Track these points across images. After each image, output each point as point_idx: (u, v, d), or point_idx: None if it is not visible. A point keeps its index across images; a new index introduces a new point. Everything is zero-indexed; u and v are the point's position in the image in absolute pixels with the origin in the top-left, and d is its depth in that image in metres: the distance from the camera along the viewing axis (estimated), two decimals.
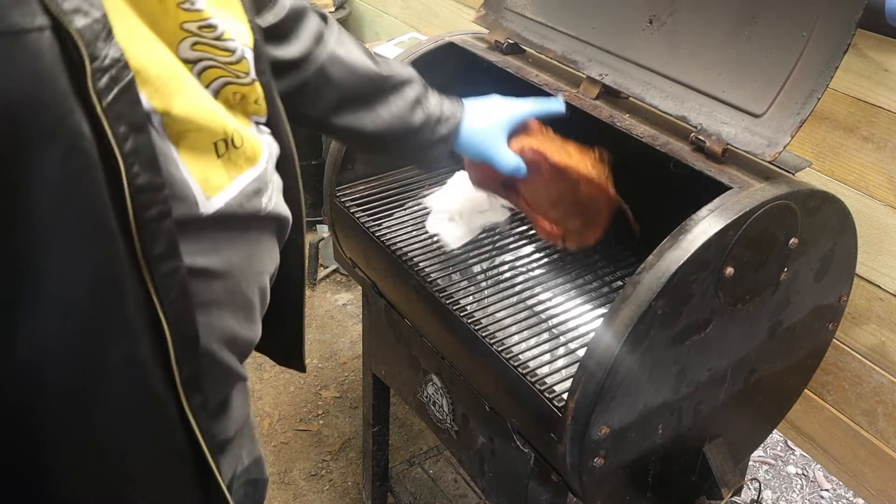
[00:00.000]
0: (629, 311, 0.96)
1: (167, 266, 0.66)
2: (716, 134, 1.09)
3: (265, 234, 0.83)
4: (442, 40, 1.49)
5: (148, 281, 0.65)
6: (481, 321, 1.20)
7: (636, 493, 1.16)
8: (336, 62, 1.09)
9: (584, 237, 1.29)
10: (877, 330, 1.41)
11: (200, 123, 0.69)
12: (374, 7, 2.94)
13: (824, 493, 2.26)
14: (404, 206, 1.49)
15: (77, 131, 0.57)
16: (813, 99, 1.01)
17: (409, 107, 1.14)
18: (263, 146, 0.80)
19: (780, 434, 2.20)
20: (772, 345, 1.15)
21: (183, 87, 0.68)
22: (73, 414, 0.67)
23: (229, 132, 0.73)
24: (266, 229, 0.82)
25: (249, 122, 0.81)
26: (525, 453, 1.20)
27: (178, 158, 0.68)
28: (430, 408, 1.44)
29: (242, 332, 0.82)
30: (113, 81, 0.59)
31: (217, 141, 0.72)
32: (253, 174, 0.77)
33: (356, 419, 2.38)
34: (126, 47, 0.60)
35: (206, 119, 0.70)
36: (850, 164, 1.36)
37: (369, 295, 1.55)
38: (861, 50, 1.29)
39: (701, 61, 1.14)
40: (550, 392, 1.07)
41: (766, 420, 1.31)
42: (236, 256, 0.77)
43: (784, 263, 1.06)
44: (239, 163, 0.75)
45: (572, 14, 1.34)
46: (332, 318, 2.79)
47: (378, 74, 1.12)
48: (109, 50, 0.59)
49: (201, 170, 0.70)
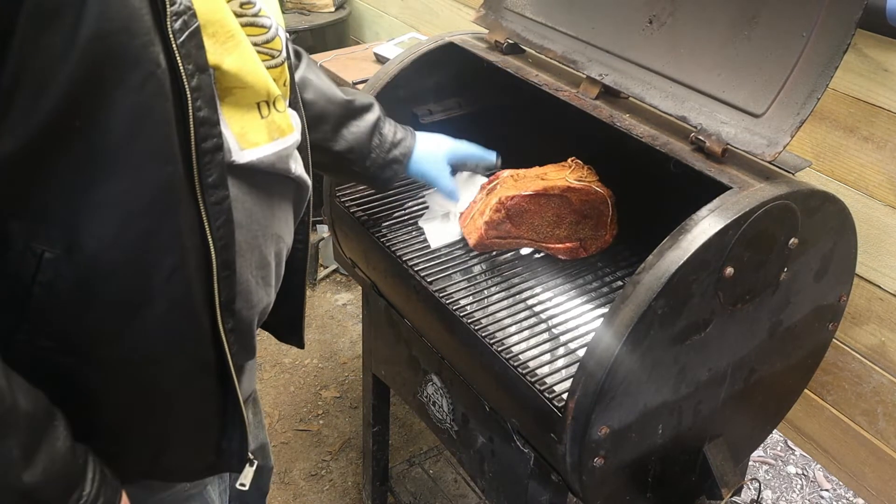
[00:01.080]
0: (629, 311, 0.95)
1: (218, 194, 0.76)
2: (716, 134, 1.09)
3: (286, 198, 0.92)
4: (442, 40, 1.49)
5: (201, 205, 0.75)
6: (481, 321, 1.20)
7: (636, 493, 1.16)
8: (308, 85, 1.20)
9: (600, 240, 1.35)
10: (877, 330, 1.41)
11: (247, 81, 0.78)
12: (374, 7, 2.94)
13: (824, 493, 2.26)
14: (404, 206, 1.49)
15: (156, 61, 0.68)
16: (813, 99, 1.01)
17: (368, 130, 1.27)
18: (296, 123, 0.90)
19: (780, 434, 2.21)
20: (772, 345, 1.15)
21: (237, 47, 0.77)
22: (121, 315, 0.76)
23: (273, 95, 0.82)
24: (288, 192, 0.92)
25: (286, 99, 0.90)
26: (525, 453, 1.20)
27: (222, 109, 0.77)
28: (430, 408, 1.44)
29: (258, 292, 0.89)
30: (185, 25, 0.70)
31: (260, 102, 0.81)
32: (290, 140, 0.87)
33: (356, 419, 2.38)
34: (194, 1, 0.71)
35: (253, 79, 0.78)
36: (850, 164, 1.36)
37: (369, 295, 1.55)
38: (861, 50, 1.29)
39: (701, 61, 1.14)
40: (550, 392, 1.07)
41: (766, 420, 1.31)
42: (258, 211, 0.85)
43: (784, 263, 1.06)
44: (282, 127, 0.85)
45: (572, 14, 1.34)
46: (332, 318, 2.79)
47: (344, 100, 1.25)
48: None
49: (240, 124, 0.79)
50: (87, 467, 0.79)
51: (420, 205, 1.49)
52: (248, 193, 0.83)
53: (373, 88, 1.46)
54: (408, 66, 1.47)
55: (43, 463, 0.72)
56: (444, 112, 1.56)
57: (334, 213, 1.50)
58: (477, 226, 1.32)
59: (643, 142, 1.16)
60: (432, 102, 1.55)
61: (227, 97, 0.77)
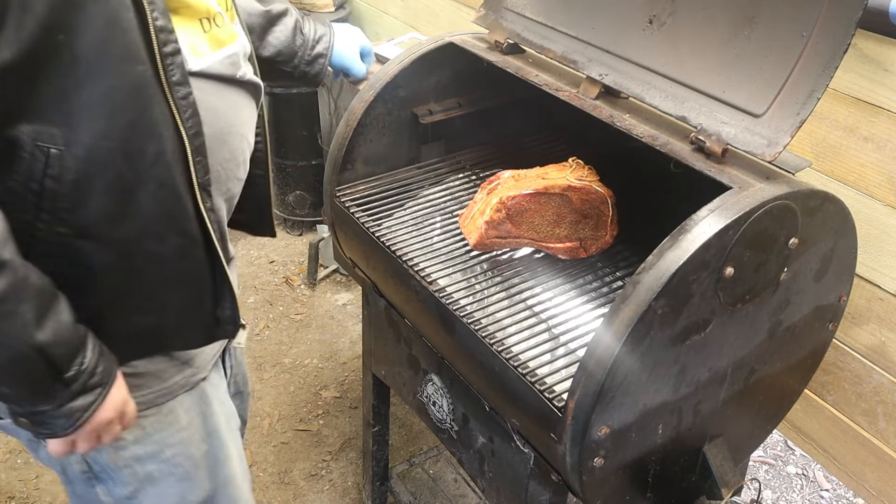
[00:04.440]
0: (629, 311, 0.96)
1: (183, 90, 0.92)
2: (716, 134, 1.09)
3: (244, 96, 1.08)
4: (442, 40, 1.49)
5: (170, 99, 0.90)
6: (481, 321, 1.20)
7: (636, 493, 1.16)
8: None
9: (600, 240, 1.35)
10: (877, 330, 1.40)
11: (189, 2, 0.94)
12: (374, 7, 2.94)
13: (824, 493, 2.26)
14: (404, 206, 1.49)
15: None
16: (813, 99, 1.01)
17: (290, 33, 1.43)
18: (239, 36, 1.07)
19: (780, 434, 2.21)
20: (772, 345, 1.15)
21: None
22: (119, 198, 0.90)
23: (212, 12, 0.99)
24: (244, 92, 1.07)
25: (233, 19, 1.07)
26: (525, 453, 1.20)
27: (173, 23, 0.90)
28: (430, 408, 1.44)
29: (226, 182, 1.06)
30: None
31: (202, 18, 0.97)
32: (230, 50, 1.02)
33: (356, 419, 2.38)
34: None
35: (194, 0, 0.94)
36: (850, 164, 1.36)
37: (369, 295, 1.55)
38: (861, 50, 1.29)
39: (701, 61, 1.14)
40: (550, 392, 1.07)
41: (766, 420, 1.31)
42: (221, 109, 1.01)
43: (784, 263, 1.06)
44: (220, 38, 1.00)
45: (572, 14, 1.34)
46: (332, 318, 2.79)
47: (262, 10, 1.39)
48: None
49: (190, 37, 0.95)
50: (88, 340, 0.92)
51: (420, 205, 1.49)
52: (210, 94, 0.98)
53: (373, 88, 1.46)
54: (408, 66, 1.47)
55: (52, 327, 0.87)
56: (444, 112, 1.56)
57: (334, 213, 1.50)
58: (477, 225, 1.33)
59: (643, 142, 1.16)
60: (432, 102, 1.55)
61: (174, 15, 0.91)
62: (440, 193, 1.53)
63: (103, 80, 0.84)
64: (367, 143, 1.50)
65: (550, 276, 1.33)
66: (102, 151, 0.87)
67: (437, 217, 1.46)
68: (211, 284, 1.05)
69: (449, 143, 1.63)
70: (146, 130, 0.89)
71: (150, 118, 0.89)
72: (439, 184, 1.56)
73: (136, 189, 0.91)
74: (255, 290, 2.92)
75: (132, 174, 0.90)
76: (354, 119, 1.46)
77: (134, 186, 0.90)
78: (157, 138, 0.90)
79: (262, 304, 2.85)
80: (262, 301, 2.87)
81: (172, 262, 0.99)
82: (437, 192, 1.53)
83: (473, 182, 1.56)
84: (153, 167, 0.91)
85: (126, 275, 0.96)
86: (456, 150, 1.63)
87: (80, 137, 0.85)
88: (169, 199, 0.94)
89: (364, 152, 1.51)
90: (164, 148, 0.91)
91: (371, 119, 1.48)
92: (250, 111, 1.10)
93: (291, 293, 2.92)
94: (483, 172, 1.57)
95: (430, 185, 1.55)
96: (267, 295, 2.91)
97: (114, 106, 0.86)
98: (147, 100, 0.88)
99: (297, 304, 2.86)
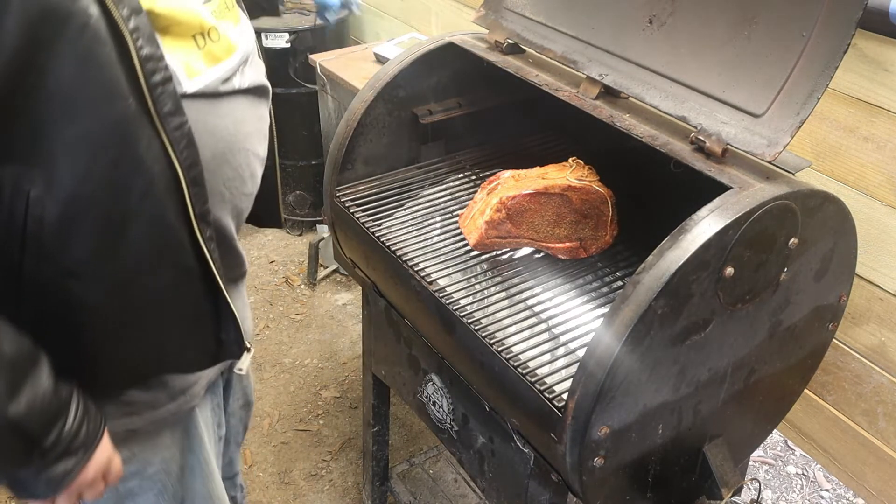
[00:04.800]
0: (629, 311, 0.95)
1: (176, 120, 0.85)
2: (716, 134, 1.09)
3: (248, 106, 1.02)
4: (442, 40, 1.49)
5: (162, 133, 0.84)
6: (481, 321, 1.20)
7: (636, 493, 1.16)
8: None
9: (600, 240, 1.35)
10: (877, 330, 1.40)
11: (180, 19, 0.87)
12: (374, 7, 2.94)
13: (824, 493, 2.25)
14: (404, 206, 1.49)
15: (86, 12, 0.75)
16: (813, 99, 1.01)
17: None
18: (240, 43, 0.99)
19: (780, 434, 2.21)
20: (772, 345, 1.15)
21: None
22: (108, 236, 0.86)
23: (206, 27, 0.91)
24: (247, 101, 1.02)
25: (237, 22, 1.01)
26: (525, 453, 1.20)
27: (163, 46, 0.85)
28: (430, 408, 1.44)
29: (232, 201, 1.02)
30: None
31: (196, 34, 0.90)
32: (230, 63, 0.96)
33: (356, 419, 2.38)
34: None
35: (185, 16, 0.88)
36: (850, 164, 1.36)
37: (369, 295, 1.55)
38: (861, 50, 1.29)
39: (701, 61, 1.14)
40: (550, 392, 1.07)
41: (766, 420, 1.31)
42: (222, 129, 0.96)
43: (784, 263, 1.06)
44: (217, 54, 0.94)
45: (572, 14, 1.34)
46: (332, 318, 2.79)
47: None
48: None
49: (184, 56, 0.89)
50: (71, 402, 0.88)
51: (420, 205, 1.49)
52: (209, 115, 0.93)
53: (373, 88, 1.46)
54: (408, 66, 1.47)
55: (27, 398, 0.82)
56: (444, 112, 1.56)
57: (334, 213, 1.49)
58: (477, 225, 1.33)
59: (643, 142, 1.16)
60: (432, 102, 1.55)
61: (165, 35, 0.86)
62: (440, 193, 1.53)
63: (81, 120, 0.79)
64: (367, 143, 1.50)
65: (550, 276, 1.33)
66: (85, 192, 0.82)
67: (437, 217, 1.46)
68: (212, 310, 1.01)
69: (449, 143, 1.63)
70: (133, 168, 0.84)
71: (136, 155, 0.83)
72: (439, 184, 1.56)
73: (126, 227, 0.87)
74: (256, 290, 2.92)
75: (119, 213, 0.86)
76: (354, 119, 1.46)
77: (123, 225, 0.86)
78: (145, 175, 0.85)
79: (262, 304, 2.85)
80: (262, 301, 2.87)
81: (168, 293, 0.95)
82: (437, 192, 1.53)
83: (473, 182, 1.56)
84: (142, 204, 0.86)
85: (120, 310, 0.92)
86: (456, 150, 1.63)
87: (61, 179, 0.81)
88: (162, 235, 0.90)
89: (364, 152, 1.51)
90: (154, 184, 0.86)
91: (371, 119, 1.48)
92: (256, 120, 1.05)
93: (291, 293, 2.92)
94: (483, 172, 1.57)
95: (430, 185, 1.55)
96: (267, 295, 2.91)
97: (94, 146, 0.81)
98: (132, 136, 0.83)
99: (297, 304, 2.87)
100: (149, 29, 0.81)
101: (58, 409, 0.86)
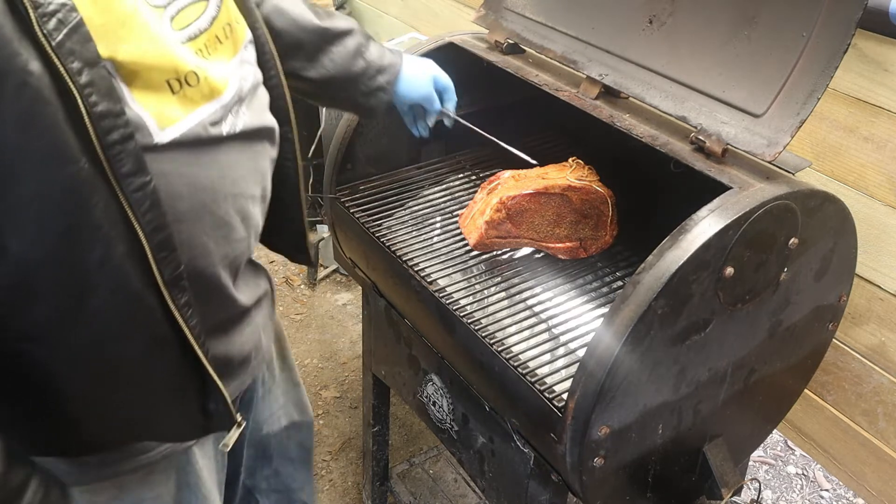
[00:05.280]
0: (629, 311, 0.95)
1: (137, 181, 0.76)
2: (716, 134, 1.09)
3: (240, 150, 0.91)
4: (442, 40, 1.49)
5: (120, 195, 0.76)
6: (481, 321, 1.20)
7: (636, 493, 1.16)
8: (280, 13, 1.19)
9: (600, 240, 1.35)
10: (877, 330, 1.40)
11: (150, 64, 0.78)
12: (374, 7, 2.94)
13: (824, 493, 2.25)
14: (404, 206, 1.49)
15: (24, 69, 0.68)
16: (813, 99, 1.01)
17: (350, 56, 1.25)
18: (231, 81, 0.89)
19: (780, 434, 2.20)
20: (772, 345, 1.15)
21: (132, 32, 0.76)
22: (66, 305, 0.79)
23: (182, 71, 0.81)
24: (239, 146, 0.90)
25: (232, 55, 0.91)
26: (525, 453, 1.20)
27: (130, 96, 0.77)
28: (430, 408, 1.44)
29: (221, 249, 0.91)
30: (61, 23, 0.69)
31: (170, 79, 0.80)
32: (211, 108, 0.85)
33: (356, 419, 2.38)
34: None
35: (154, 60, 0.78)
36: (850, 164, 1.36)
37: (369, 295, 1.55)
38: (861, 50, 1.29)
39: (701, 61, 1.14)
40: (550, 392, 1.07)
41: (766, 420, 1.31)
42: (203, 178, 0.85)
43: (784, 263, 1.06)
44: (195, 98, 0.83)
45: (572, 14, 1.34)
46: (332, 318, 2.79)
47: (319, 26, 1.22)
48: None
49: (155, 105, 0.79)
50: (26, 488, 0.82)
51: (420, 205, 1.49)
52: (188, 164, 0.83)
53: None
54: None
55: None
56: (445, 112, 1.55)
57: (334, 213, 1.50)
58: (477, 225, 1.33)
59: (643, 142, 1.16)
60: None
61: (134, 81, 0.77)
62: (440, 193, 1.53)
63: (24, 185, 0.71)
64: (367, 143, 1.50)
65: (550, 276, 1.33)
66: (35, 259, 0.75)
67: (437, 217, 1.47)
68: (195, 380, 0.92)
69: (449, 143, 1.63)
70: (86, 235, 0.76)
71: (91, 221, 0.75)
72: (439, 184, 1.56)
73: (84, 296, 0.79)
74: None
75: (74, 282, 0.78)
76: (354, 119, 1.46)
77: (80, 293, 0.79)
78: (101, 241, 0.77)
79: None
80: None
81: (141, 362, 0.87)
82: (437, 192, 1.53)
83: (473, 182, 1.56)
84: (100, 273, 0.78)
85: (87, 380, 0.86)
86: (456, 150, 1.63)
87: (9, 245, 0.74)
88: (126, 303, 0.82)
89: (364, 152, 1.51)
90: (111, 252, 0.78)
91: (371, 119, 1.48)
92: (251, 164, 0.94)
93: (291, 293, 2.92)
94: (483, 172, 1.57)
95: (430, 185, 1.55)
96: None
97: (41, 212, 0.73)
98: (85, 201, 0.74)
99: (297, 304, 2.86)
100: (106, 82, 0.73)
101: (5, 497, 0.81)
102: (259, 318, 1.07)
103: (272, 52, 1.01)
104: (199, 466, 1.08)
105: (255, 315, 1.05)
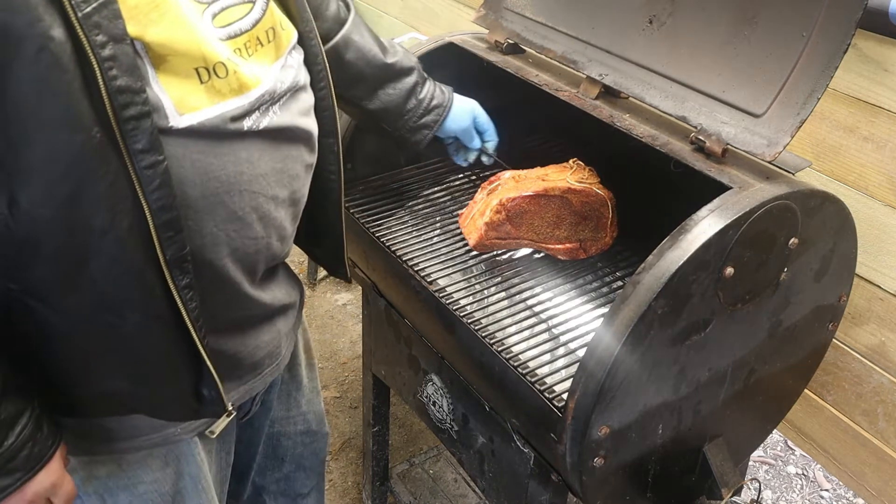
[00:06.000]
0: (629, 311, 0.96)
1: (149, 159, 0.78)
2: (716, 134, 1.09)
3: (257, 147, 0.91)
4: (442, 40, 1.49)
5: (130, 170, 0.78)
6: (481, 321, 1.20)
7: (636, 493, 1.16)
8: (350, 46, 1.26)
9: (599, 242, 1.35)
10: (877, 330, 1.40)
11: (178, 50, 0.80)
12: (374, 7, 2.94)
13: (824, 493, 2.26)
14: (404, 206, 1.49)
15: (45, 35, 0.70)
16: (813, 99, 1.01)
17: (405, 94, 1.32)
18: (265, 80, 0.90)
19: (780, 434, 2.21)
20: (772, 345, 1.15)
21: (164, 16, 0.78)
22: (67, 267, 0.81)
23: (211, 61, 0.83)
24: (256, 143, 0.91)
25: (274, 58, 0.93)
26: (525, 453, 1.20)
27: (155, 77, 0.79)
28: (430, 408, 1.44)
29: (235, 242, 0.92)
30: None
31: (198, 68, 0.82)
32: (237, 103, 0.87)
33: (356, 419, 2.38)
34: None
35: (184, 47, 0.80)
36: (850, 164, 1.36)
37: (369, 295, 1.55)
38: (861, 50, 1.29)
39: (701, 61, 1.14)
40: (550, 392, 1.07)
41: (766, 420, 1.31)
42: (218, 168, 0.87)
43: (784, 263, 1.06)
44: (223, 91, 0.85)
45: (572, 14, 1.34)
46: (332, 318, 2.79)
47: (384, 63, 1.30)
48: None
49: (179, 90, 0.81)
50: (16, 422, 0.86)
51: (420, 205, 1.49)
52: (201, 153, 0.85)
53: None
54: None
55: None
56: None
57: None
58: (477, 226, 1.33)
59: (643, 142, 1.16)
60: None
61: (162, 64, 0.79)
62: (440, 193, 1.53)
63: (35, 147, 0.74)
64: (367, 143, 1.50)
65: (550, 276, 1.33)
66: (41, 220, 0.78)
67: (437, 217, 1.47)
68: (190, 363, 0.94)
69: None
70: (90, 204, 0.78)
71: (97, 190, 0.78)
72: (439, 184, 1.56)
73: (85, 262, 0.82)
74: None
75: (76, 247, 0.81)
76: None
77: (81, 259, 0.81)
78: (105, 213, 0.79)
79: None
80: None
81: (137, 337, 0.89)
82: (437, 192, 1.53)
83: (473, 182, 1.56)
84: (102, 242, 0.80)
85: (85, 343, 0.89)
86: None
87: (20, 202, 0.77)
88: (124, 276, 0.84)
89: (364, 152, 1.51)
90: (116, 223, 0.80)
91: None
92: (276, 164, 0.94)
93: None
94: (483, 173, 1.57)
95: (430, 185, 1.55)
96: None
97: (49, 175, 0.76)
98: (92, 171, 0.77)
99: None
100: (129, 59, 0.75)
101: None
102: (282, 326, 1.08)
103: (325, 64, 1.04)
104: (200, 458, 1.10)
105: (278, 321, 1.06)
